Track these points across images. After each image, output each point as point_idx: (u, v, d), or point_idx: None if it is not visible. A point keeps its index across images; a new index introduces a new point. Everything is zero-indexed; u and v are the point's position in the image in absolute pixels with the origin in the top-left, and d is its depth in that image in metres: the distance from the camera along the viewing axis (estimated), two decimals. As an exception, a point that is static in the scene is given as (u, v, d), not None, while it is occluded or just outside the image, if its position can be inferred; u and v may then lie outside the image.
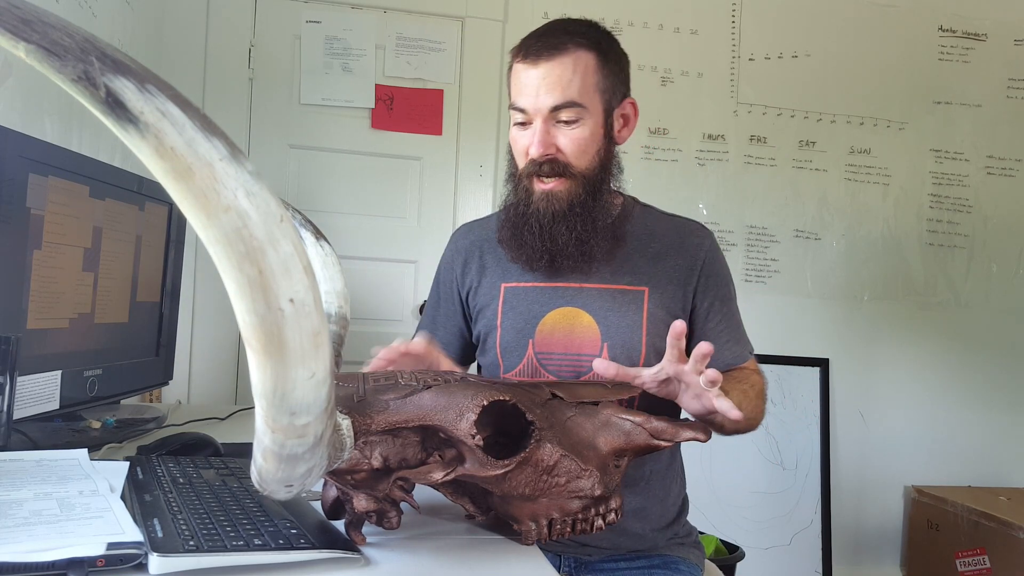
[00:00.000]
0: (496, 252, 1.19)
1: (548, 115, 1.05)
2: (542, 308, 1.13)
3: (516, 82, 1.08)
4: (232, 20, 2.26)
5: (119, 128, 0.38)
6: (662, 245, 1.15)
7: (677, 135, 2.50)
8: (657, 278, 1.13)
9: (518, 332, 1.13)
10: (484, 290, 1.19)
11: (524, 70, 1.06)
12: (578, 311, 1.12)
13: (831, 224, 2.61)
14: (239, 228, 0.41)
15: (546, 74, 1.04)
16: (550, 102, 1.04)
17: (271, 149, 2.28)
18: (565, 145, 1.07)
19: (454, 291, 1.23)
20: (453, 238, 1.28)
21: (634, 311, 1.11)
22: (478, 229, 1.26)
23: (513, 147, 1.13)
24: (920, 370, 2.66)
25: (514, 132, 1.11)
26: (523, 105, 1.06)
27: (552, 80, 1.04)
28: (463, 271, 1.22)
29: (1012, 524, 2.24)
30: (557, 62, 1.04)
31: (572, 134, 1.07)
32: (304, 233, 0.99)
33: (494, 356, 1.16)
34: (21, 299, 0.99)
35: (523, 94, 1.06)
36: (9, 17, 0.35)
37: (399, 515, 0.74)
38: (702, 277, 1.14)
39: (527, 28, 1.13)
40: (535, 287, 1.14)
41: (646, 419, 0.82)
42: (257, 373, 0.46)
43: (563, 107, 1.05)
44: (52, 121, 1.45)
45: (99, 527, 0.65)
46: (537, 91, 1.05)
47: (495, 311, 1.16)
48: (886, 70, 2.62)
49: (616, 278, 1.12)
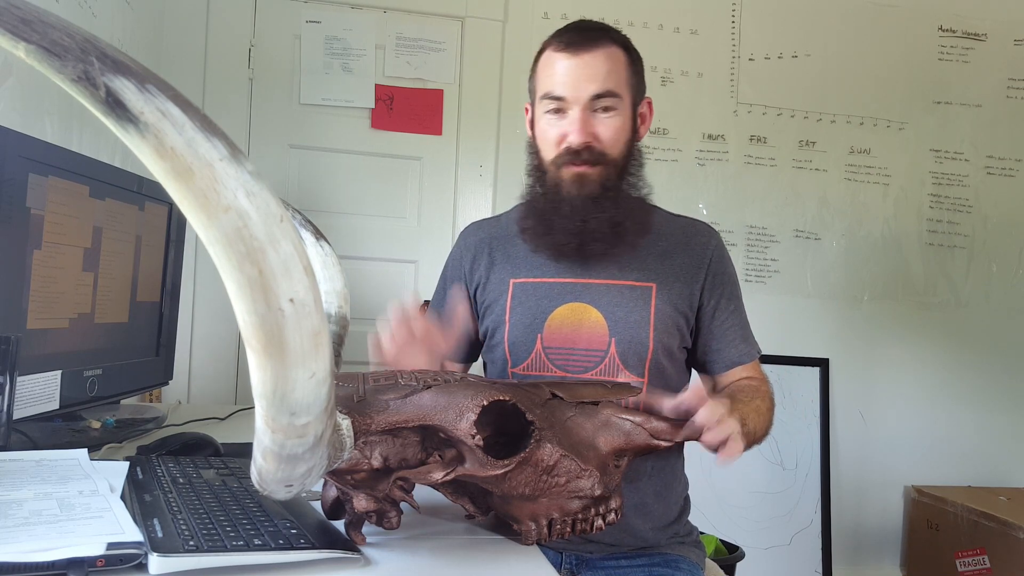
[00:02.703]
0: (505, 248, 1.20)
1: (588, 103, 1.08)
2: (551, 303, 1.14)
3: (551, 71, 1.10)
4: (232, 20, 2.26)
5: (119, 128, 0.38)
6: (669, 243, 1.16)
7: (677, 135, 2.50)
8: (664, 275, 1.14)
9: (527, 327, 1.14)
10: (492, 286, 1.19)
11: (563, 59, 1.09)
12: (586, 306, 1.13)
13: (831, 224, 2.61)
14: (239, 228, 0.41)
15: (587, 64, 1.08)
16: (592, 89, 1.08)
17: (271, 149, 2.28)
18: (603, 132, 1.10)
19: (462, 288, 1.23)
20: (462, 235, 1.28)
21: (642, 307, 1.12)
22: (487, 227, 1.27)
23: (541, 137, 1.14)
24: (920, 370, 2.66)
25: (544, 123, 1.12)
26: (562, 93, 1.08)
27: (593, 70, 1.07)
28: (472, 267, 1.22)
29: (1012, 524, 2.24)
30: (597, 53, 1.08)
31: (609, 122, 1.10)
32: (304, 233, 0.99)
33: (502, 351, 1.16)
34: (21, 299, 0.99)
35: (562, 83, 1.08)
36: (9, 17, 0.35)
37: (399, 515, 0.74)
38: (709, 275, 1.16)
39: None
40: (544, 282, 1.15)
41: (646, 419, 0.82)
42: (257, 373, 0.46)
43: (604, 95, 1.08)
44: (52, 121, 1.45)
45: (99, 527, 0.65)
46: (577, 80, 1.08)
47: (504, 306, 1.16)
48: (886, 70, 2.62)
49: (624, 274, 1.13)
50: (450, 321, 1.23)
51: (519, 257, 1.18)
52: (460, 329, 1.21)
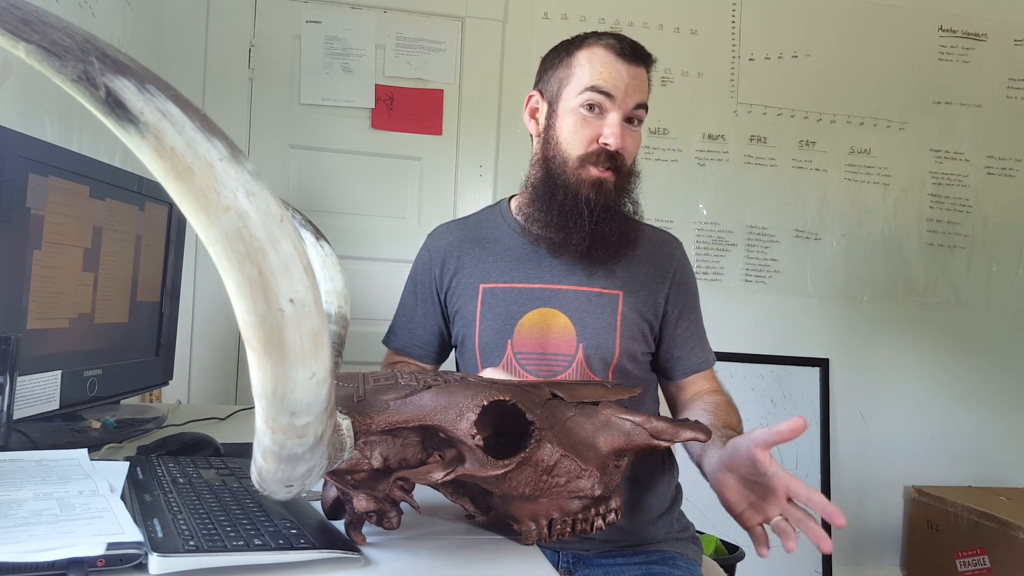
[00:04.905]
0: (474, 252, 1.21)
1: (628, 111, 1.11)
2: (520, 308, 1.14)
3: (602, 68, 1.10)
4: (232, 20, 2.26)
5: (119, 128, 0.38)
6: (636, 252, 1.18)
7: (677, 135, 2.50)
8: (631, 283, 1.16)
9: (497, 332, 1.15)
10: (462, 290, 1.20)
11: (616, 62, 1.10)
12: (555, 312, 1.14)
13: (831, 224, 2.61)
14: (239, 228, 0.41)
15: (635, 76, 1.11)
16: (637, 99, 1.11)
17: (271, 149, 2.28)
18: (630, 144, 1.13)
19: (432, 292, 1.24)
20: (430, 238, 1.29)
21: (609, 314, 1.13)
22: (455, 230, 1.26)
23: (571, 131, 1.12)
24: (920, 370, 2.66)
25: (577, 117, 1.11)
26: (612, 91, 1.09)
27: (639, 82, 1.12)
28: (441, 271, 1.23)
29: (1012, 524, 2.24)
30: (641, 70, 1.13)
31: (635, 135, 1.14)
32: (304, 233, 0.99)
33: (472, 356, 1.17)
34: (21, 299, 0.99)
35: (612, 83, 1.09)
36: (9, 17, 0.35)
37: (399, 515, 0.74)
38: (673, 285, 1.19)
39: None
40: (513, 288, 1.16)
41: (646, 419, 0.82)
42: (257, 373, 0.46)
43: (640, 107, 1.12)
44: (52, 121, 1.45)
45: (99, 527, 0.65)
46: (627, 87, 1.10)
47: (473, 311, 1.17)
48: (886, 70, 2.62)
49: (592, 281, 1.15)
50: (424, 328, 1.25)
51: (488, 262, 1.19)
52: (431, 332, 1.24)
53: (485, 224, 1.24)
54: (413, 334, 1.26)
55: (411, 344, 1.26)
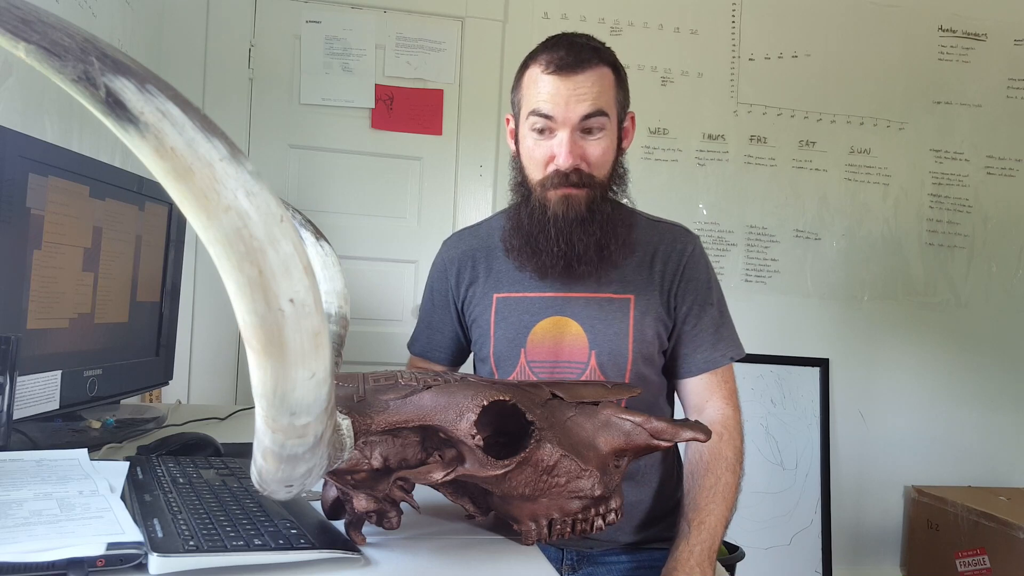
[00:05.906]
0: (488, 261, 1.21)
1: (576, 124, 1.06)
2: (532, 318, 1.14)
3: (538, 90, 1.08)
4: (232, 20, 2.26)
5: (119, 128, 0.38)
6: (647, 252, 1.16)
7: (677, 135, 2.50)
8: (642, 285, 1.14)
9: (510, 342, 1.15)
10: (477, 300, 1.20)
11: (552, 81, 1.06)
12: (567, 320, 1.13)
13: (831, 224, 2.61)
14: (239, 228, 0.41)
15: (577, 86, 1.05)
16: (581, 111, 1.06)
17: (271, 149, 2.28)
18: (591, 155, 1.08)
19: (449, 299, 1.24)
20: (445, 246, 1.29)
21: (620, 319, 1.12)
22: (468, 238, 1.26)
23: (527, 157, 1.12)
24: (920, 370, 2.66)
25: (530, 141, 1.10)
26: (550, 112, 1.06)
27: (583, 91, 1.06)
28: (456, 281, 1.23)
29: (1012, 524, 2.24)
30: (587, 75, 1.06)
31: (597, 144, 1.09)
32: (304, 233, 0.99)
33: (489, 365, 1.18)
34: (21, 299, 0.99)
35: (551, 103, 1.06)
36: (9, 17, 0.35)
37: (399, 515, 0.74)
38: (681, 282, 1.16)
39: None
40: (525, 297, 1.16)
41: (646, 419, 0.82)
42: (257, 373, 0.46)
43: (593, 115, 1.06)
44: (52, 121, 1.45)
45: (99, 527, 0.65)
46: (567, 101, 1.05)
47: (488, 321, 1.18)
48: (886, 70, 2.62)
49: (603, 287, 1.14)
50: (442, 333, 1.25)
51: (501, 271, 1.19)
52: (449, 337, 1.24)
53: (497, 233, 1.24)
54: (432, 339, 1.27)
55: (431, 348, 1.28)
